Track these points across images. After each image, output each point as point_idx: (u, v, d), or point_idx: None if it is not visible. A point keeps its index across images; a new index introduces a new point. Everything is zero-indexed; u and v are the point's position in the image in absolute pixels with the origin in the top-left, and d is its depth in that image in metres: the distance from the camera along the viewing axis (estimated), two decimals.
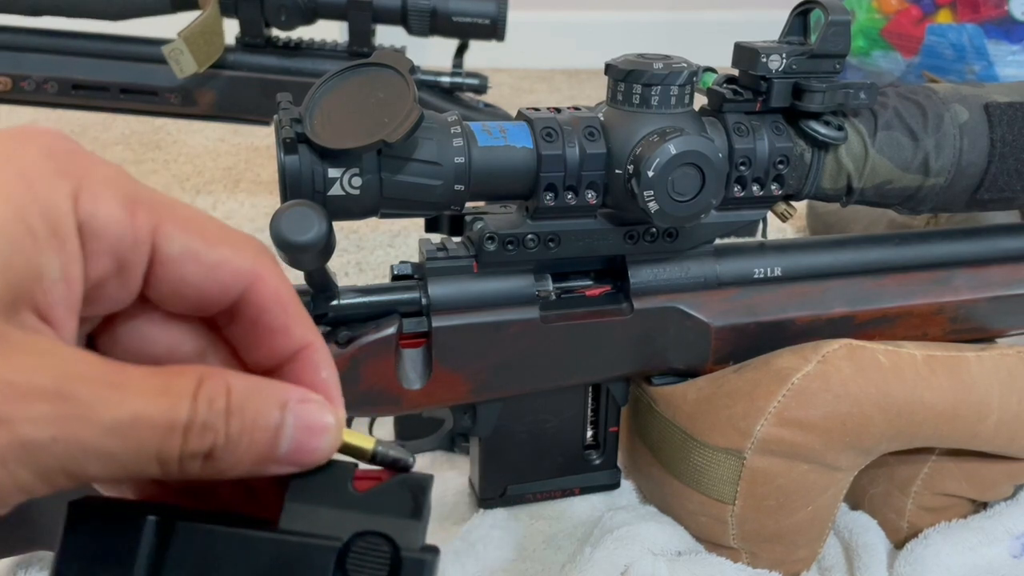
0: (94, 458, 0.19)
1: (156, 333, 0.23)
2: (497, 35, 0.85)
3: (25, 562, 0.49)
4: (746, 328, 0.49)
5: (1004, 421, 0.49)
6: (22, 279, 0.18)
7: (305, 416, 0.21)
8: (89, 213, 0.19)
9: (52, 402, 0.18)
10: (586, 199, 0.44)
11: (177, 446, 0.19)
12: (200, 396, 0.20)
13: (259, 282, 0.22)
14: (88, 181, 0.20)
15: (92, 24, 0.85)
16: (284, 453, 0.21)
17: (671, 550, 0.51)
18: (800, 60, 0.44)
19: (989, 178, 0.48)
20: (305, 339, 0.23)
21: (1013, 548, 0.52)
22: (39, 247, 0.18)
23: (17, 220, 0.18)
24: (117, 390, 0.19)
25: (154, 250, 0.21)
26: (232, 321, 0.23)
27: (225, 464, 0.20)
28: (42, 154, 0.19)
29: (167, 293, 0.22)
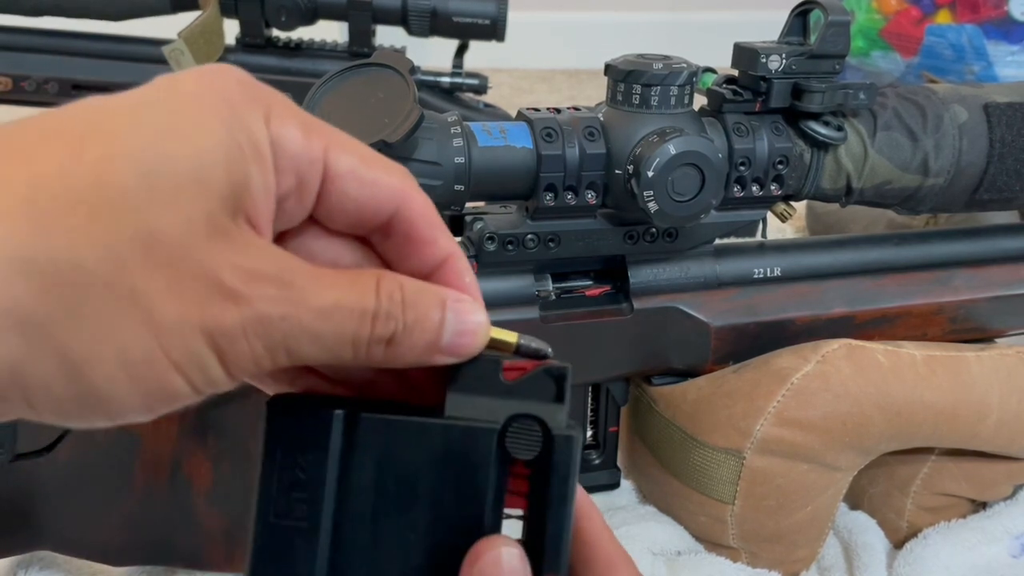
0: (307, 337, 0.21)
1: (320, 248, 0.25)
2: (497, 35, 0.85)
3: (25, 562, 0.49)
4: (746, 328, 0.49)
5: (1004, 421, 0.49)
6: (240, 187, 0.21)
7: (461, 312, 0.24)
8: (278, 134, 0.22)
9: (277, 286, 0.21)
10: (586, 199, 0.44)
11: (367, 331, 0.22)
12: (381, 290, 0.23)
13: (409, 199, 0.25)
14: (274, 107, 0.22)
15: (93, 24, 0.86)
16: (446, 343, 0.24)
17: (671, 550, 0.51)
18: (800, 60, 0.45)
19: (988, 178, 0.48)
20: (449, 249, 0.26)
21: (1012, 548, 0.52)
22: (247, 161, 0.21)
23: (231, 137, 0.21)
24: (320, 281, 0.22)
25: (325, 168, 0.23)
26: (386, 237, 0.25)
27: (401, 350, 0.23)
28: (237, 84, 0.22)
29: (332, 210, 0.24)
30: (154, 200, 0.20)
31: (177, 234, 0.20)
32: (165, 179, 0.20)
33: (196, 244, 0.20)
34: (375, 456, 0.24)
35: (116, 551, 0.46)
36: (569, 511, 0.24)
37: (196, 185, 0.20)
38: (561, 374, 0.25)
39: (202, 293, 0.20)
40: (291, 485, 0.24)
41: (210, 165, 0.20)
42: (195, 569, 0.48)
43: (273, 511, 0.24)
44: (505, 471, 0.24)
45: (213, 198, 0.20)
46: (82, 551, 0.46)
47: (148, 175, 0.20)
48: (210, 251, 0.20)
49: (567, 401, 0.25)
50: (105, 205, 0.19)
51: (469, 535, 0.24)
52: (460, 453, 0.24)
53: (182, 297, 0.20)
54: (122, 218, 0.19)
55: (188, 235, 0.20)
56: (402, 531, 0.24)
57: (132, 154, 0.20)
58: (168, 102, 0.21)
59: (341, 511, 0.24)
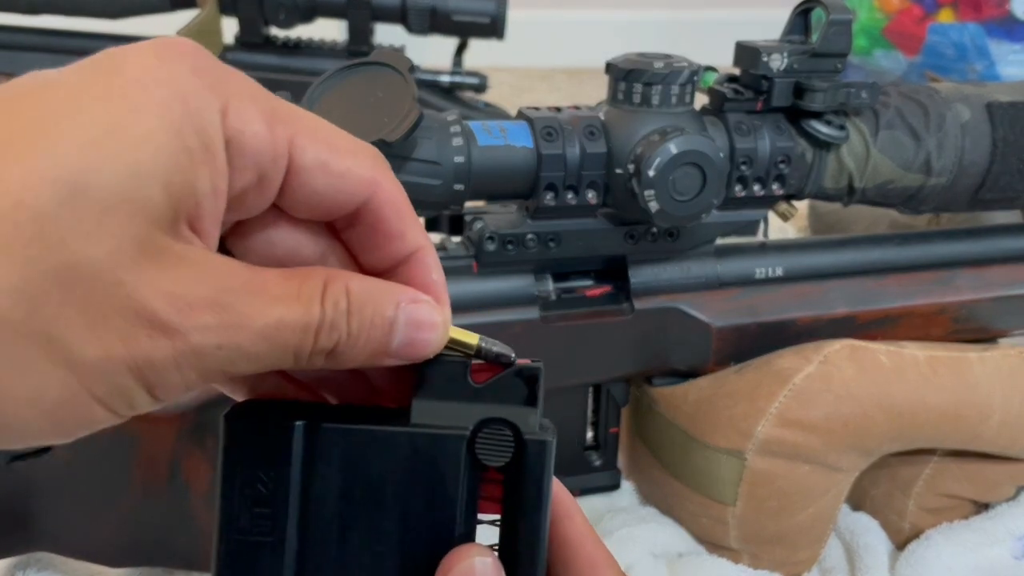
0: (246, 359, 0.21)
1: (282, 236, 0.24)
2: (497, 33, 0.85)
3: (23, 563, 0.48)
4: (747, 328, 0.49)
5: (1006, 422, 0.49)
6: (180, 194, 0.20)
7: (415, 314, 0.23)
8: (236, 129, 0.21)
9: (215, 312, 0.20)
10: (586, 199, 0.44)
11: (310, 344, 0.21)
12: (327, 298, 0.22)
13: (379, 189, 0.24)
14: (234, 98, 0.21)
15: (91, 23, 0.85)
16: (396, 347, 0.23)
17: (672, 551, 0.51)
18: (801, 59, 0.44)
19: (991, 178, 0.48)
20: (417, 242, 0.25)
21: (1015, 549, 0.51)
22: (194, 164, 0.20)
23: (175, 139, 0.19)
24: (260, 298, 0.21)
25: (289, 161, 0.22)
26: (351, 226, 0.24)
27: (345, 358, 0.22)
28: (192, 71, 0.20)
29: (297, 200, 0.23)
30: (76, 227, 0.18)
31: (100, 266, 0.18)
32: (90, 202, 0.18)
33: (122, 274, 0.18)
34: (340, 467, 0.23)
35: (114, 552, 0.46)
36: (544, 517, 0.24)
37: (127, 205, 0.18)
38: (533, 375, 0.24)
39: (129, 327, 0.19)
40: (253, 500, 0.23)
41: (147, 178, 0.19)
42: (193, 570, 0.48)
43: (236, 527, 0.23)
44: (477, 478, 0.24)
45: (146, 217, 0.19)
46: (79, 552, 0.46)
47: (71, 198, 0.18)
48: (139, 279, 0.19)
49: (540, 403, 0.24)
50: (19, 236, 0.17)
51: (441, 545, 0.23)
52: (428, 461, 0.23)
53: (105, 335, 0.18)
54: (37, 251, 0.17)
55: (113, 265, 0.18)
56: (371, 543, 0.23)
57: (54, 171, 0.18)
58: (108, 95, 0.19)
59: (306, 525, 0.24)
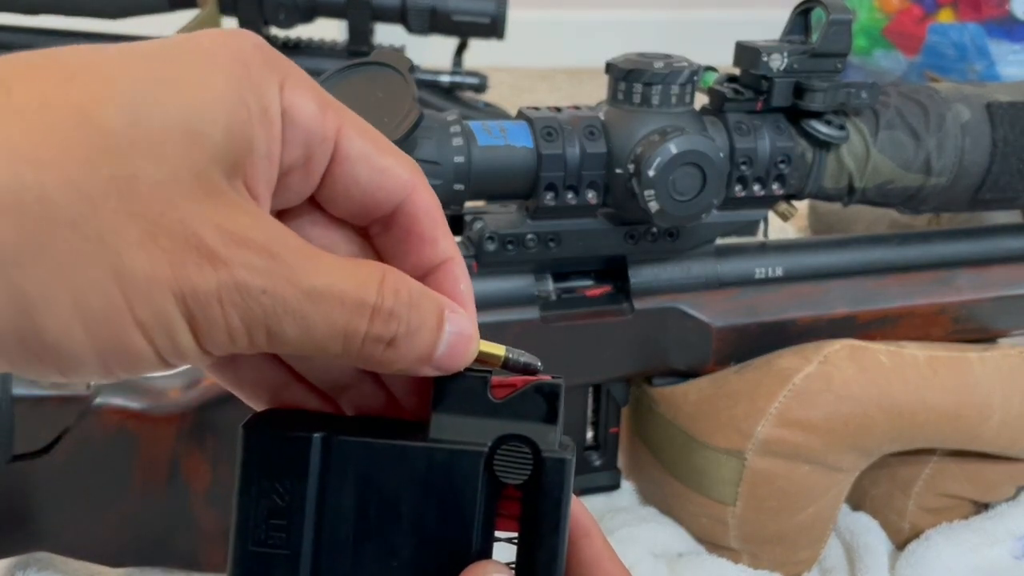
0: (292, 319, 0.20)
1: (318, 234, 0.24)
2: (497, 33, 0.85)
3: (24, 563, 0.48)
4: (747, 328, 0.49)
5: (1006, 422, 0.49)
6: (239, 148, 0.20)
7: (458, 323, 0.23)
8: (291, 103, 0.21)
9: (263, 256, 0.20)
10: (586, 199, 0.44)
11: (364, 326, 0.21)
12: (386, 285, 0.21)
13: (416, 193, 0.24)
14: (291, 77, 0.22)
15: (90, 23, 0.85)
16: (439, 355, 0.23)
17: (672, 551, 0.51)
18: (801, 59, 0.44)
19: (991, 178, 0.48)
20: (449, 252, 0.24)
21: (1015, 549, 0.51)
22: (252, 122, 0.20)
23: (237, 96, 0.20)
24: (314, 261, 0.21)
25: (336, 148, 0.22)
26: (386, 230, 0.24)
27: (396, 355, 0.22)
28: (255, 47, 0.21)
29: (337, 193, 0.23)
30: (139, 146, 0.18)
31: (159, 184, 0.19)
32: (155, 127, 0.19)
33: (178, 198, 0.19)
34: (356, 481, 0.23)
35: (114, 552, 0.46)
36: (562, 537, 0.23)
37: (188, 137, 0.19)
38: (553, 391, 0.24)
39: (178, 251, 0.19)
40: (269, 512, 0.23)
41: (208, 121, 0.19)
42: (193, 570, 0.48)
43: (251, 539, 0.23)
44: (495, 494, 0.23)
45: (205, 154, 0.19)
46: (80, 552, 0.46)
47: (137, 121, 0.19)
48: (193, 208, 0.19)
49: (560, 421, 0.24)
50: (84, 143, 0.18)
51: (458, 561, 0.23)
52: (446, 477, 0.23)
53: (155, 252, 0.18)
54: (101, 159, 0.18)
55: (171, 187, 0.19)
56: (386, 558, 0.23)
57: (122, 97, 0.19)
58: (176, 54, 0.20)
59: (322, 538, 0.23)
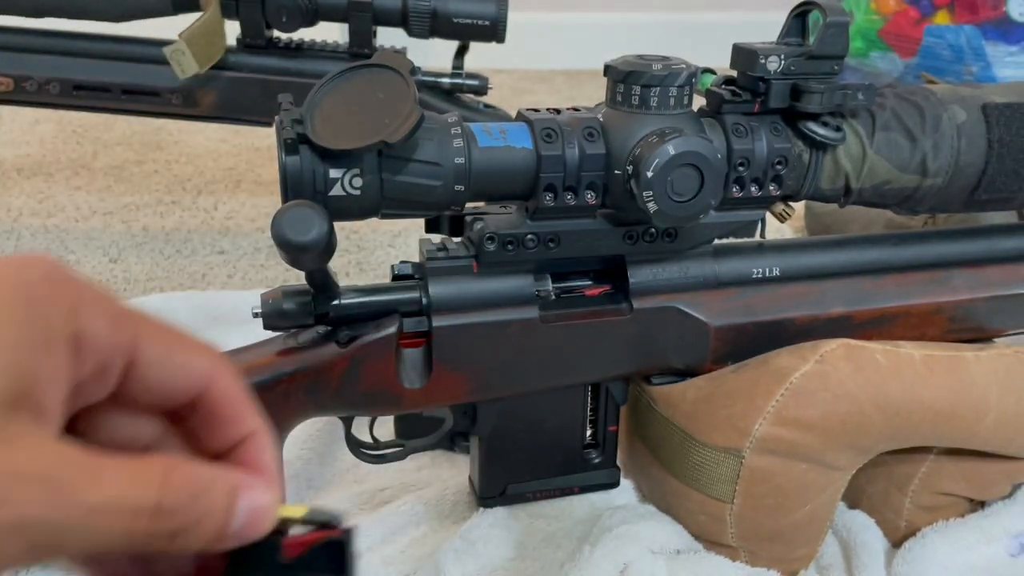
0: (76, 534, 0.22)
1: (122, 423, 0.27)
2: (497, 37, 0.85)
3: None
4: (745, 328, 0.50)
5: (1002, 420, 0.49)
6: (24, 383, 0.22)
7: (252, 499, 0.25)
8: (81, 327, 0.24)
9: (44, 486, 0.21)
10: (585, 199, 0.44)
11: (143, 526, 0.23)
12: (170, 483, 0.23)
13: (216, 381, 0.26)
14: (81, 301, 0.24)
15: (94, 25, 0.86)
16: (234, 531, 0.24)
17: (670, 549, 0.51)
18: (798, 61, 0.45)
19: (987, 178, 0.48)
20: (252, 427, 0.27)
21: (1011, 547, 0.52)
22: (36, 358, 0.22)
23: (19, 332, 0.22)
24: (95, 478, 0.22)
25: (131, 356, 0.25)
26: (191, 412, 0.27)
27: (188, 542, 0.23)
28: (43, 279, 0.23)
29: (139, 389, 0.26)
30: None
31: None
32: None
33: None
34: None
35: None
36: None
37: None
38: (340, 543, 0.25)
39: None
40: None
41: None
42: None
43: None
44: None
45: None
46: None
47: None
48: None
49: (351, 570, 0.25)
50: None
51: None
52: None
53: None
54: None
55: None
56: None
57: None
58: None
59: None
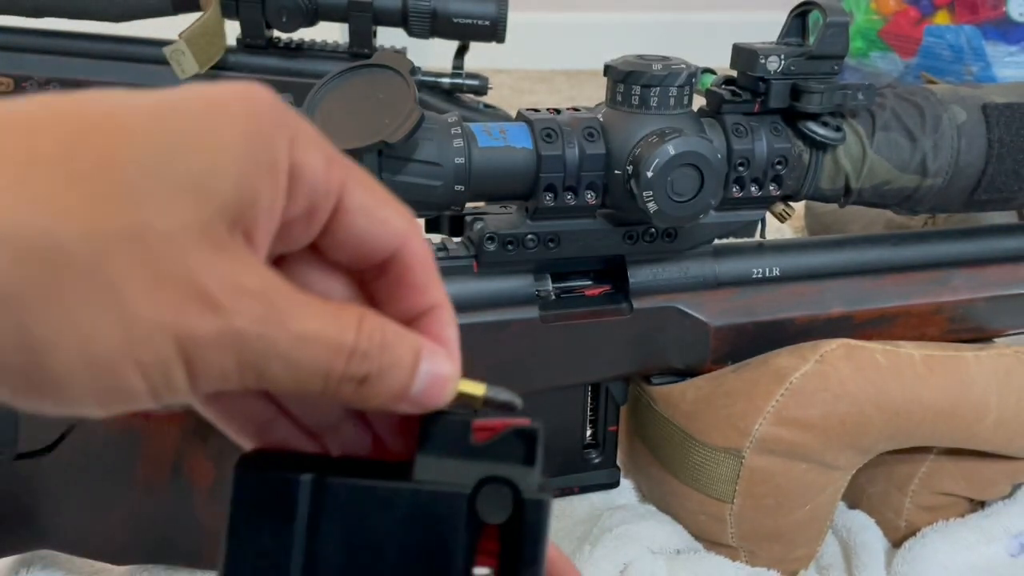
0: (281, 361, 0.21)
1: (315, 278, 0.26)
2: (497, 37, 0.85)
3: (26, 561, 0.49)
4: (745, 328, 0.50)
5: (1002, 420, 0.49)
6: (245, 202, 0.21)
7: (434, 364, 0.24)
8: (299, 160, 0.23)
9: (261, 303, 0.21)
10: (585, 199, 0.44)
11: (341, 366, 0.22)
12: (363, 328, 0.23)
13: (410, 243, 0.25)
14: (300, 133, 0.23)
15: (94, 25, 0.86)
16: (414, 393, 0.24)
17: (670, 549, 0.51)
18: (798, 61, 0.45)
19: (987, 179, 0.48)
20: (438, 299, 0.26)
21: (1011, 547, 0.52)
22: (260, 178, 0.21)
23: (248, 152, 0.21)
24: (303, 307, 0.22)
25: (338, 201, 0.24)
26: (380, 276, 0.26)
27: (371, 392, 0.23)
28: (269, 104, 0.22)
29: (336, 242, 0.25)
30: (153, 198, 0.20)
31: (168, 234, 0.20)
32: (170, 180, 0.20)
33: (186, 249, 0.20)
34: (343, 522, 0.24)
35: (117, 550, 0.46)
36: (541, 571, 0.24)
37: (200, 192, 0.20)
38: (531, 435, 0.25)
39: (182, 298, 0.20)
40: (257, 553, 0.24)
41: (220, 176, 0.21)
42: (196, 568, 0.48)
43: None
44: (475, 534, 0.24)
45: (214, 208, 0.20)
46: (83, 550, 0.46)
47: (153, 173, 0.20)
48: (199, 258, 0.20)
49: (539, 463, 0.25)
50: (102, 194, 0.19)
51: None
52: (430, 518, 0.24)
53: (161, 299, 0.20)
54: (116, 208, 0.19)
55: (179, 238, 0.20)
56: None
57: (141, 151, 0.20)
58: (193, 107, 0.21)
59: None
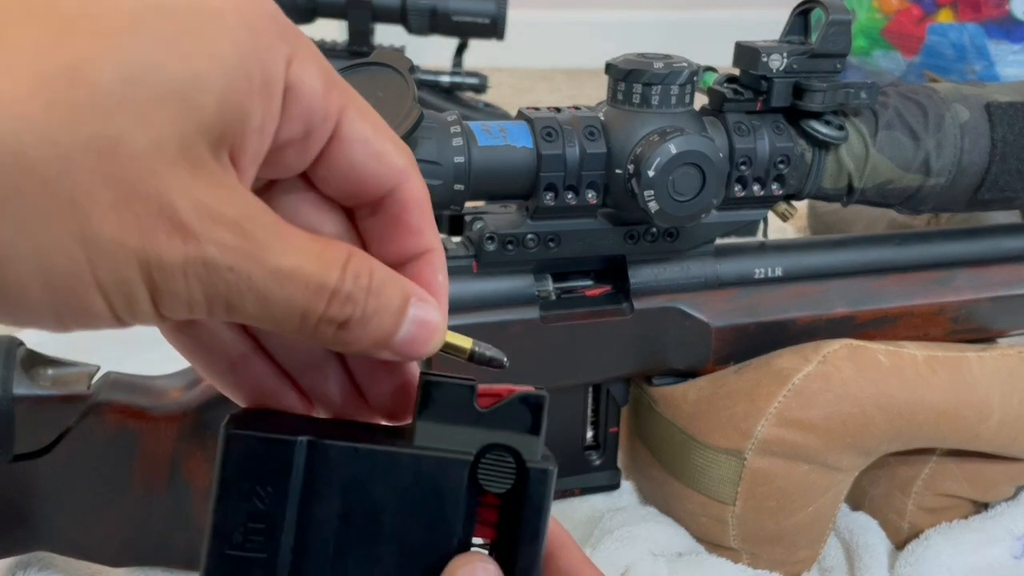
0: (253, 296, 0.20)
1: (305, 210, 0.24)
2: (497, 34, 0.85)
3: (24, 563, 0.48)
4: (747, 328, 0.49)
5: (1005, 421, 0.49)
6: (231, 120, 0.20)
7: (422, 312, 0.23)
8: (297, 78, 0.21)
9: (235, 233, 0.19)
10: (586, 199, 0.44)
11: (321, 307, 0.21)
12: (348, 269, 0.21)
13: (408, 182, 0.24)
14: (300, 50, 0.21)
15: None
16: (398, 341, 0.23)
17: (671, 551, 0.51)
18: (801, 60, 0.44)
19: (990, 178, 0.48)
20: (431, 243, 0.25)
21: (1014, 549, 0.51)
22: (252, 94, 0.20)
23: (239, 65, 0.20)
24: (284, 240, 0.20)
25: (336, 128, 0.22)
26: (373, 214, 0.24)
27: (351, 337, 0.22)
28: (269, 16, 0.21)
29: (331, 172, 0.23)
30: (127, 109, 0.18)
31: (140, 150, 0.18)
32: (147, 91, 0.18)
33: (158, 166, 0.18)
34: (339, 486, 0.23)
35: (114, 552, 0.46)
36: (541, 545, 0.24)
37: (179, 105, 0.19)
38: (538, 403, 0.24)
39: (149, 219, 0.18)
40: (249, 515, 0.23)
41: (204, 90, 0.19)
42: (193, 570, 0.48)
43: (228, 542, 0.23)
44: (476, 502, 0.24)
45: (194, 123, 0.19)
46: (80, 552, 0.46)
47: (128, 81, 0.18)
48: (172, 178, 0.19)
49: (543, 432, 0.24)
50: (70, 100, 0.18)
51: (437, 566, 0.23)
52: (430, 484, 0.23)
53: (126, 217, 0.18)
54: (84, 118, 0.18)
55: (152, 154, 0.18)
56: (366, 564, 0.23)
57: (119, 54, 0.18)
58: (183, 11, 0.19)
59: (301, 543, 0.23)
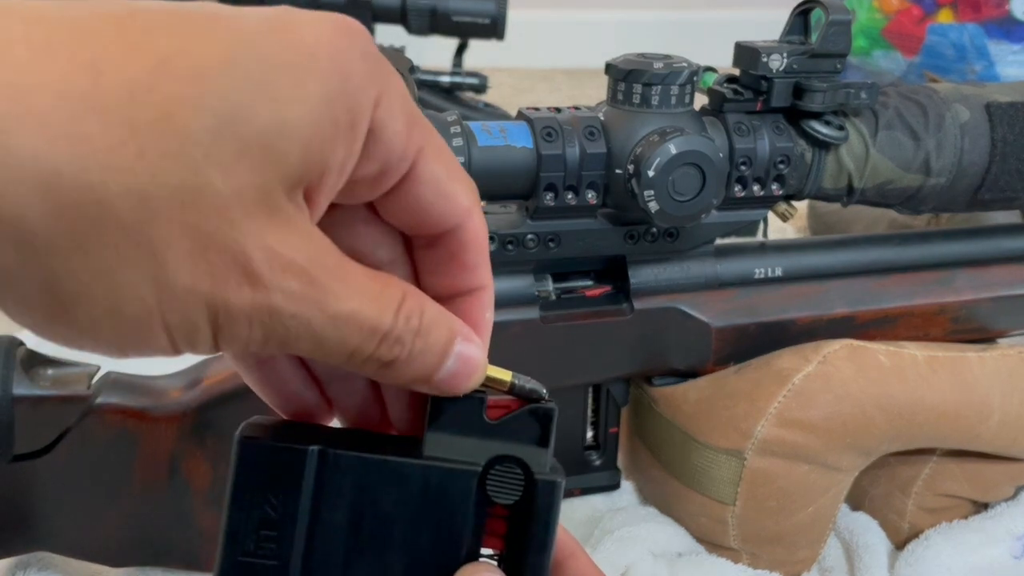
0: (310, 339, 0.21)
1: (364, 232, 0.25)
2: (497, 34, 0.85)
3: (24, 563, 0.48)
4: (747, 328, 0.49)
5: (1006, 422, 0.49)
6: (313, 164, 0.20)
7: (467, 349, 0.23)
8: (382, 121, 0.21)
9: (302, 281, 0.20)
10: (586, 199, 0.44)
11: (371, 349, 0.21)
12: (402, 312, 0.22)
13: (470, 221, 0.24)
14: (388, 91, 0.21)
15: None
16: (439, 378, 0.23)
17: (671, 551, 0.51)
18: (801, 60, 0.44)
19: (990, 178, 0.48)
20: (484, 280, 0.25)
21: (1014, 549, 0.51)
22: (336, 137, 0.20)
23: (327, 109, 0.20)
24: (345, 283, 0.21)
25: (411, 168, 0.23)
26: (431, 246, 0.25)
27: (395, 374, 0.22)
28: (362, 55, 0.21)
29: (398, 206, 0.23)
30: (212, 159, 0.18)
31: (222, 201, 0.18)
32: (233, 141, 0.18)
33: (237, 216, 0.19)
34: (350, 495, 0.24)
35: (114, 552, 0.46)
36: (549, 557, 0.24)
37: (263, 154, 0.19)
38: (547, 415, 0.24)
39: (222, 268, 0.19)
40: (261, 523, 0.23)
41: (288, 137, 0.19)
42: (193, 570, 0.48)
43: (240, 549, 0.23)
44: (484, 513, 0.24)
45: (275, 172, 0.19)
46: (80, 552, 0.46)
47: (217, 130, 0.18)
48: (248, 226, 0.19)
49: (552, 444, 0.24)
50: (159, 149, 0.18)
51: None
52: (438, 495, 0.23)
53: (200, 265, 0.19)
54: (172, 168, 0.18)
55: (233, 203, 0.19)
56: (375, 572, 0.24)
57: (211, 100, 0.18)
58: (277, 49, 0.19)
59: (312, 551, 0.23)
